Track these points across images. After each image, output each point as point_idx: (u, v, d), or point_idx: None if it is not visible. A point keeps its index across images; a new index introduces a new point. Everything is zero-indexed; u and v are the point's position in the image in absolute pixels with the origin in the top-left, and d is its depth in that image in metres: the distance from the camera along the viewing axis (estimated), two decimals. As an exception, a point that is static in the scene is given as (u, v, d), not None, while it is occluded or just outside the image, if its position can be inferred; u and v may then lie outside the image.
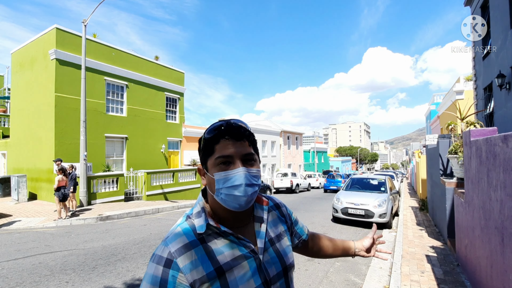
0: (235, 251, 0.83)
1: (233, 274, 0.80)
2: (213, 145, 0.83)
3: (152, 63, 16.95)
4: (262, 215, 0.95)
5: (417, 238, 6.57)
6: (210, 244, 0.82)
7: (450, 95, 16.74)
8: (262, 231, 0.91)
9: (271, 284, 0.86)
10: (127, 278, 4.24)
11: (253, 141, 0.88)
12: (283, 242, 0.97)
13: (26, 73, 13.77)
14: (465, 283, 4.00)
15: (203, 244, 0.81)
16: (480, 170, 3.35)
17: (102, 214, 9.34)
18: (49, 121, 12.13)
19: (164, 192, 14.73)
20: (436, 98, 26.86)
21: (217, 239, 0.83)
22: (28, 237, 6.76)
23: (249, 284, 0.81)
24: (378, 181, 10.00)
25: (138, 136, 15.58)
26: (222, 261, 0.80)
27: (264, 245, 0.89)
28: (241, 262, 0.82)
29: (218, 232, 0.84)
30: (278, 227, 0.99)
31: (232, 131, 0.83)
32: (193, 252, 0.78)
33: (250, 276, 0.82)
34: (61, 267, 4.66)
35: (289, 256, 0.96)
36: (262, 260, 0.87)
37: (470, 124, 5.24)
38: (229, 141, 0.82)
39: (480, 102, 9.78)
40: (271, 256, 0.90)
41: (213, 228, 0.84)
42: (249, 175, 0.82)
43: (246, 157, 0.84)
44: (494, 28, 8.09)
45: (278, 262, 0.90)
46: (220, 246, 0.82)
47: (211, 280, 0.77)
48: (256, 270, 0.84)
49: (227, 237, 0.84)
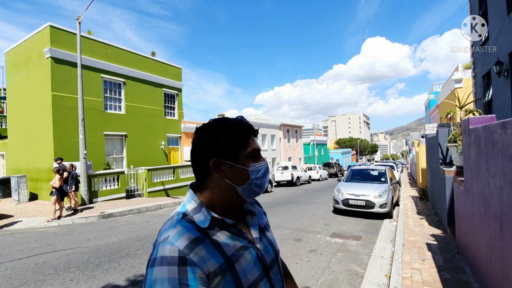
0: (237, 243, 0.86)
1: (241, 264, 0.83)
2: (246, 139, 0.89)
3: (149, 59, 16.82)
4: (251, 208, 1.01)
5: (417, 227, 6.62)
6: (215, 238, 0.83)
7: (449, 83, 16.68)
8: (255, 222, 0.98)
9: (270, 269, 0.92)
10: (131, 274, 4.28)
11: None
12: (270, 231, 1.05)
13: (21, 72, 13.66)
14: (465, 269, 4.05)
15: (208, 238, 0.82)
16: (479, 157, 3.36)
17: (104, 212, 9.38)
18: (46, 121, 12.08)
19: (165, 189, 14.78)
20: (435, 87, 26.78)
21: (220, 232, 0.85)
22: (31, 237, 6.80)
23: (254, 272, 0.85)
24: (378, 171, 10.03)
25: (137, 133, 15.55)
26: (229, 252, 0.83)
27: (258, 235, 0.95)
28: (244, 252, 0.86)
29: (219, 226, 0.86)
30: (263, 219, 1.06)
31: (253, 129, 0.93)
32: (202, 247, 0.79)
33: (253, 265, 0.86)
34: (65, 266, 4.70)
35: (276, 243, 1.04)
36: (260, 248, 0.92)
37: (469, 112, 5.24)
38: (254, 137, 0.93)
39: (479, 90, 9.75)
40: (265, 244, 0.96)
41: (215, 222, 0.85)
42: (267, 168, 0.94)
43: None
44: (492, 15, 8.02)
45: (271, 249, 0.97)
46: (223, 238, 0.85)
47: (223, 272, 0.78)
48: (256, 258, 0.88)
49: (228, 230, 0.87)
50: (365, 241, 6.02)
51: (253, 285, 0.83)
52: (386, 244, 5.66)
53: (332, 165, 33.73)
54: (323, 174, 27.32)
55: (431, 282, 3.67)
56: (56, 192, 8.60)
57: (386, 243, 5.73)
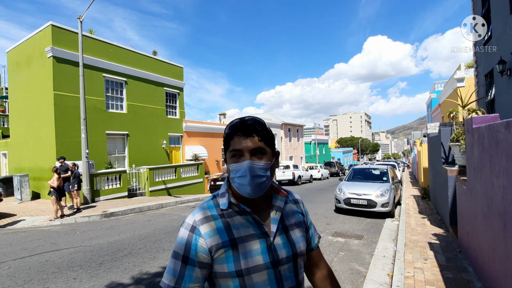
0: (250, 229, 0.96)
1: (245, 247, 0.93)
2: (229, 140, 0.96)
3: (150, 59, 16.83)
4: (279, 205, 1.05)
5: (419, 226, 6.61)
6: (229, 220, 0.96)
7: (451, 82, 16.62)
8: (277, 218, 1.02)
9: (280, 264, 0.97)
10: (134, 272, 4.30)
11: (265, 136, 0.96)
12: (296, 231, 1.06)
13: (23, 71, 13.70)
14: (467, 268, 4.04)
15: (222, 218, 0.96)
16: (482, 157, 3.35)
17: (106, 211, 9.41)
18: (49, 120, 12.12)
19: (167, 188, 14.81)
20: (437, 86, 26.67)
21: (237, 216, 0.98)
22: (34, 236, 6.83)
23: (257, 259, 0.93)
24: (380, 171, 10.02)
25: (139, 132, 15.57)
26: (236, 234, 0.94)
27: (276, 230, 1.00)
28: (253, 239, 0.95)
29: (238, 212, 0.98)
30: (294, 218, 1.08)
31: (244, 128, 0.94)
32: (213, 223, 0.94)
33: (259, 253, 0.94)
34: (68, 264, 4.72)
35: (301, 245, 1.04)
36: (273, 242, 0.98)
37: (471, 112, 5.22)
38: (241, 137, 0.94)
39: (481, 89, 9.71)
40: (283, 241, 1.00)
41: (234, 207, 0.98)
42: (254, 167, 0.92)
43: (254, 151, 0.94)
44: (495, 14, 7.98)
45: (289, 247, 1.00)
46: (237, 222, 0.96)
47: (225, 248, 0.92)
48: (266, 249, 0.95)
49: (245, 217, 0.98)
50: (367, 240, 6.02)
51: (253, 270, 0.92)
52: (388, 243, 5.66)
53: (334, 164, 33.69)
54: (325, 173, 27.29)
55: (434, 281, 3.66)
56: (54, 192, 8.56)
57: (388, 242, 5.73)
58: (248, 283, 0.92)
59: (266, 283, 0.93)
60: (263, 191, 0.96)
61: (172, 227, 7.37)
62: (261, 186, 0.93)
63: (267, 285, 0.93)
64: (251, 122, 0.96)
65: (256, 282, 0.92)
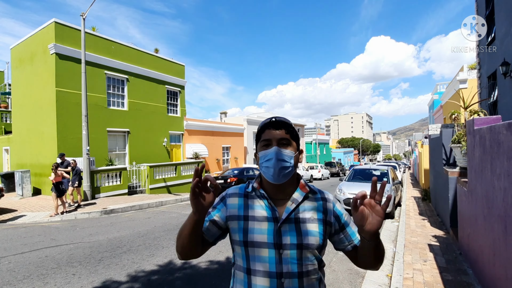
0: (263, 212, 1.13)
1: (254, 224, 1.12)
2: (260, 134, 1.16)
3: (152, 56, 16.83)
4: (297, 197, 1.16)
5: (419, 227, 6.59)
6: (249, 200, 1.17)
7: (453, 84, 16.55)
8: (291, 208, 1.13)
9: (282, 248, 1.08)
10: (133, 269, 4.30)
11: (291, 131, 1.15)
12: (309, 225, 1.13)
13: (26, 68, 13.73)
14: (467, 271, 4.02)
15: (245, 198, 1.18)
16: (483, 158, 3.33)
17: (106, 208, 9.42)
18: (50, 116, 12.14)
19: (167, 186, 14.83)
20: (439, 88, 26.57)
21: (256, 199, 1.17)
22: (34, 231, 6.85)
23: (262, 237, 1.09)
24: (380, 171, 10.00)
25: (140, 129, 15.59)
26: (250, 213, 1.14)
27: (286, 218, 1.11)
28: (263, 220, 1.12)
29: (258, 196, 1.17)
30: (310, 213, 1.15)
31: (273, 123, 1.14)
32: (236, 199, 1.19)
33: (265, 232, 1.10)
34: (68, 260, 4.73)
35: (309, 238, 1.11)
36: (280, 227, 1.10)
37: (473, 113, 5.19)
38: (271, 130, 1.13)
39: (484, 91, 9.66)
40: (290, 229, 1.11)
41: (256, 191, 1.18)
42: (279, 152, 1.09)
43: (281, 141, 1.12)
44: (499, 16, 7.93)
45: (295, 236, 1.10)
46: (255, 204, 1.16)
47: (238, 221, 1.14)
48: (272, 231, 1.10)
49: (263, 200, 1.15)
50: (366, 241, 6.00)
51: (257, 245, 1.09)
52: (388, 244, 5.64)
53: (334, 165, 33.63)
54: (325, 173, 27.27)
55: (433, 283, 3.65)
56: (54, 188, 8.55)
57: (388, 243, 5.71)
58: (251, 254, 1.10)
59: (266, 259, 1.08)
60: (286, 178, 1.11)
61: (172, 224, 7.37)
62: (284, 170, 1.09)
63: (266, 261, 1.08)
64: (279, 119, 1.16)
65: (257, 255, 1.09)
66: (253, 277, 1.09)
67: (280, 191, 1.16)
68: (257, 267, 1.09)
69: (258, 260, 1.08)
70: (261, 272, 1.08)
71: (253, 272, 1.09)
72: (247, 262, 1.11)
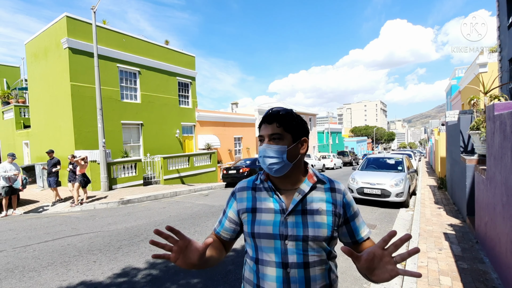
0: (270, 204, 1.16)
1: (261, 216, 1.15)
2: (259, 128, 1.18)
3: (162, 48, 16.88)
4: (303, 188, 1.16)
5: (435, 216, 6.49)
6: (257, 192, 1.21)
7: (472, 68, 15.88)
8: (297, 199, 1.14)
9: (287, 239, 1.10)
10: (150, 257, 4.45)
11: (286, 122, 1.12)
12: (316, 217, 1.12)
13: (41, 63, 14.05)
14: (483, 259, 3.96)
15: (253, 191, 1.22)
16: (503, 145, 3.21)
17: (123, 198, 9.71)
18: (67, 110, 12.47)
19: (181, 176, 15.09)
20: (457, 72, 25.54)
21: (264, 191, 1.20)
22: (56, 221, 7.16)
23: (268, 228, 1.12)
24: (395, 160, 9.81)
25: (153, 122, 15.81)
26: (258, 205, 1.17)
27: (292, 209, 1.12)
28: (270, 212, 1.14)
29: (266, 188, 1.19)
30: (318, 204, 1.14)
31: (267, 117, 1.14)
32: (245, 193, 1.23)
33: (270, 223, 1.12)
34: (88, 248, 4.93)
35: (315, 230, 1.10)
36: (286, 218, 1.11)
37: (494, 98, 4.98)
38: (265, 124, 1.15)
39: (505, 75, 9.23)
40: (296, 220, 1.11)
41: (264, 183, 1.20)
42: (267, 149, 1.13)
43: (272, 136, 1.13)
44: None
45: (301, 228, 1.10)
46: (262, 196, 1.19)
47: (247, 213, 1.19)
48: (278, 223, 1.12)
49: (270, 193, 1.18)
50: (380, 229, 5.97)
51: (263, 236, 1.12)
52: (402, 233, 5.59)
53: (347, 154, 33.23)
54: (338, 163, 27.03)
55: (448, 272, 3.61)
56: (74, 178, 8.99)
57: (402, 232, 5.66)
58: (259, 245, 1.14)
59: (272, 249, 1.11)
60: (280, 172, 1.13)
61: (186, 214, 7.54)
62: (274, 166, 1.11)
63: (272, 251, 1.11)
64: (274, 111, 1.14)
65: (265, 246, 1.12)
66: (261, 266, 1.13)
67: (287, 182, 1.18)
68: (264, 257, 1.12)
69: (265, 250, 1.12)
70: (268, 262, 1.11)
71: (261, 262, 1.13)
72: (256, 252, 1.15)
